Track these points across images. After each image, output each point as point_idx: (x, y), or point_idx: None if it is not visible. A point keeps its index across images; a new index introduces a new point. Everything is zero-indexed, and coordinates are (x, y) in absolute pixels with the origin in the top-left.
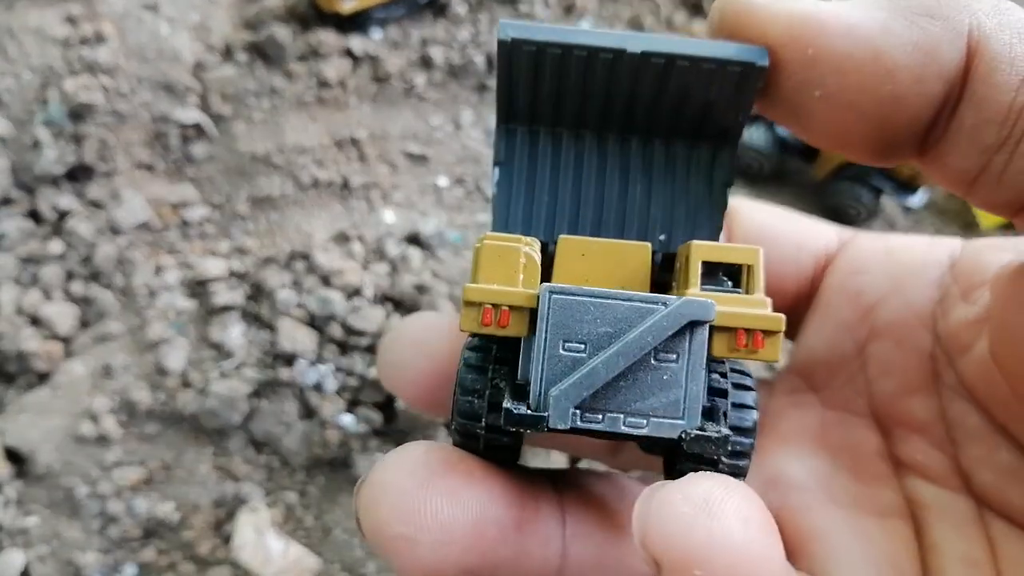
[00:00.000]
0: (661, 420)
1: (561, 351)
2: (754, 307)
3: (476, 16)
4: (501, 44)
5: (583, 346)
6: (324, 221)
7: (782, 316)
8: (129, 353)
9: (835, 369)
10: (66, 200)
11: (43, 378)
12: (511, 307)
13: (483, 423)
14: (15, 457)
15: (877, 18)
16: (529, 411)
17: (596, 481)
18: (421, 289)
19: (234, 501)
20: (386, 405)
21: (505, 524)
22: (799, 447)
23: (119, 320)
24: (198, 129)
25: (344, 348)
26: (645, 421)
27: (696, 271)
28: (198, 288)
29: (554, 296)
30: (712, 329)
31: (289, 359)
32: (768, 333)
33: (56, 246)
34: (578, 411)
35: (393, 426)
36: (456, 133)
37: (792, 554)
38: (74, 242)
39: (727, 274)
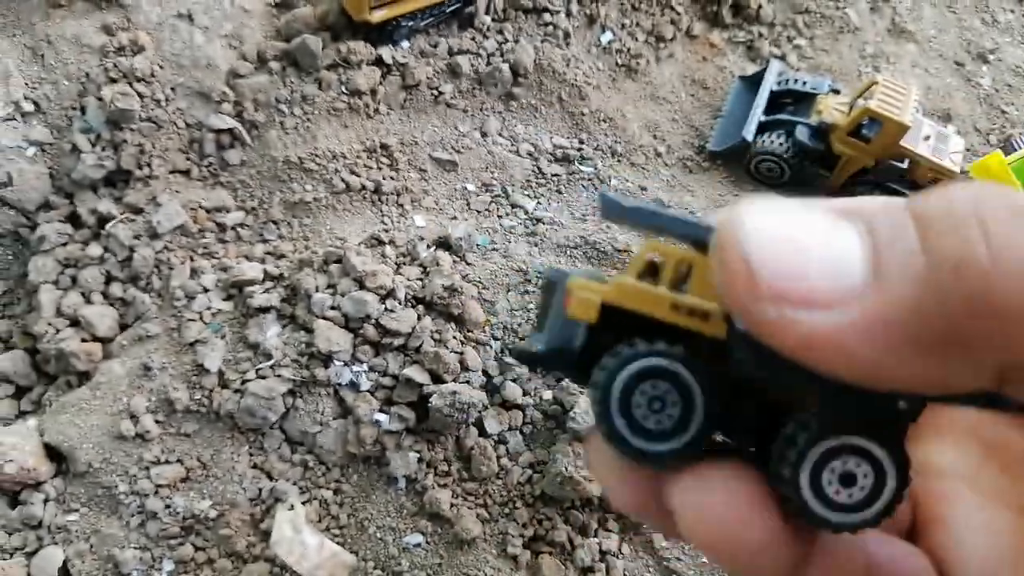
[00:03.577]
0: None
1: None
2: None
3: (502, 26)
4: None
5: None
6: (357, 226)
7: None
8: (167, 353)
9: None
10: (105, 205)
11: (83, 378)
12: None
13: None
14: (56, 455)
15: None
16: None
17: None
18: (451, 291)
19: (271, 498)
20: (419, 403)
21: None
22: (952, 437)
23: (157, 321)
24: (232, 135)
25: (378, 348)
26: None
27: None
28: (235, 290)
29: None
30: None
31: (325, 359)
32: None
33: (95, 249)
34: None
35: (426, 424)
36: (483, 140)
37: (918, 535)
38: (112, 246)
39: None
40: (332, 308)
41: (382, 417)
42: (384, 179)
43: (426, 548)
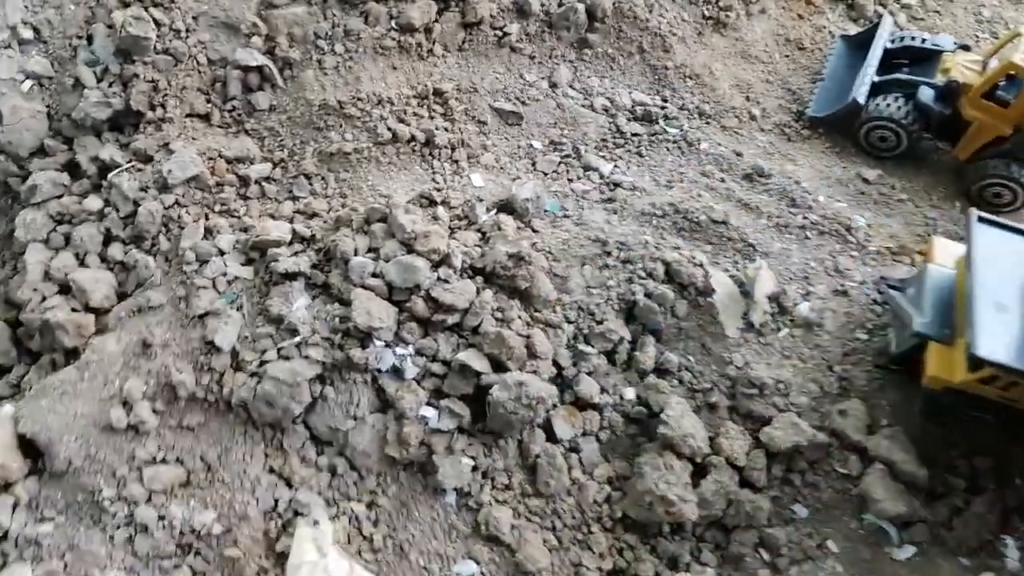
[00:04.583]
0: None
1: None
2: None
3: None
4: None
5: None
6: (404, 182)
7: None
8: (172, 328)
9: None
10: (108, 151)
11: (71, 356)
12: None
13: None
14: (31, 450)
15: None
16: None
17: None
18: (518, 260)
19: (289, 511)
20: (475, 397)
21: None
22: None
23: (162, 289)
24: (262, 75)
25: (427, 327)
26: None
27: None
28: (256, 254)
29: None
30: None
31: (362, 338)
32: None
33: (94, 202)
34: None
35: (483, 424)
36: (552, 91)
37: None
38: (115, 199)
39: None
40: (374, 276)
41: (430, 412)
42: (437, 130)
43: None
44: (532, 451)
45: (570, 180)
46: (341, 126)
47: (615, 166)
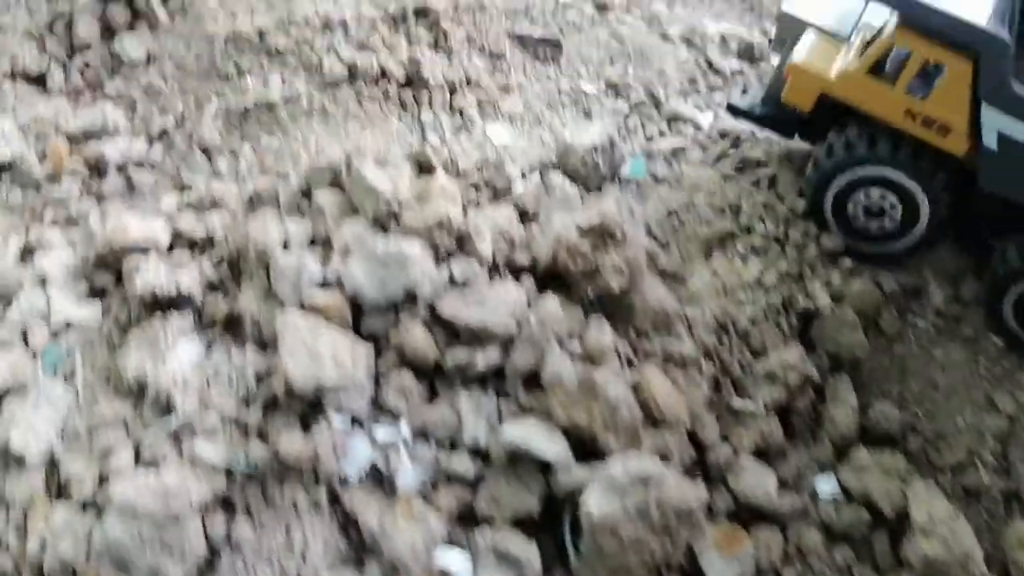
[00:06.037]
0: None
1: None
2: None
3: None
4: None
5: None
6: (373, 141)
7: None
8: None
9: None
10: None
11: None
12: None
13: None
14: None
15: None
16: None
17: None
18: (601, 237)
19: None
20: (545, 519)
21: None
22: None
23: None
24: (132, 8)
25: (436, 381)
26: None
27: None
28: (108, 277)
29: None
30: None
31: (304, 413)
32: None
33: None
34: None
35: None
36: (601, 14)
37: None
38: None
39: None
40: (323, 286)
41: (456, 561)
42: (425, 65)
43: None
44: None
45: (648, 138)
46: (263, 67)
47: (716, 115)
